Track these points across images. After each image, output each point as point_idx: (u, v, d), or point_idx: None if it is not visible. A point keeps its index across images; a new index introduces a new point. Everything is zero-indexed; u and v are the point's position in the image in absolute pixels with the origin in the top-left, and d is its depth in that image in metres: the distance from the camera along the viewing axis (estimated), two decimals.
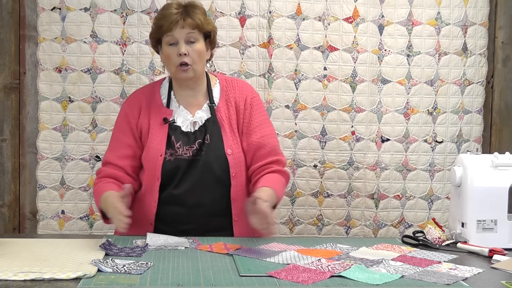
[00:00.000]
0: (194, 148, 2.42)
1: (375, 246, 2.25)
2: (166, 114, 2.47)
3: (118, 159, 2.45)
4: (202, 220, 2.40)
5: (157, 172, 2.40)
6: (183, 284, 1.74)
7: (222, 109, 2.50)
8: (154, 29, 2.47)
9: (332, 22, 3.12)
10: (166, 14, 2.42)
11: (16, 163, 3.08)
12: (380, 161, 3.19)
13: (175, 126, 2.46)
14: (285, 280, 1.79)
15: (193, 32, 2.41)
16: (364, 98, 3.16)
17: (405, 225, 3.22)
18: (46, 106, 3.03)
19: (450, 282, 1.82)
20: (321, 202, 3.17)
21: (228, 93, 2.53)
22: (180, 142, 2.42)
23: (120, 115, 2.54)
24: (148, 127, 2.47)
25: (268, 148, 2.49)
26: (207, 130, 2.44)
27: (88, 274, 1.77)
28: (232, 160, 2.43)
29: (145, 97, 2.52)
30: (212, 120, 2.46)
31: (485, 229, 2.30)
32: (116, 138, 2.51)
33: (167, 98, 2.51)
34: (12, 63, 3.06)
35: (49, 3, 3.00)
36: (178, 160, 2.40)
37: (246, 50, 3.10)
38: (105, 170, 2.45)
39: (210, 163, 2.41)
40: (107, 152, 2.50)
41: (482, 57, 3.23)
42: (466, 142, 3.25)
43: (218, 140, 2.44)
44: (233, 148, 2.45)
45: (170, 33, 2.40)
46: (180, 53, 2.39)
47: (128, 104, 2.54)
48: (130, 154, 2.47)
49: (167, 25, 2.40)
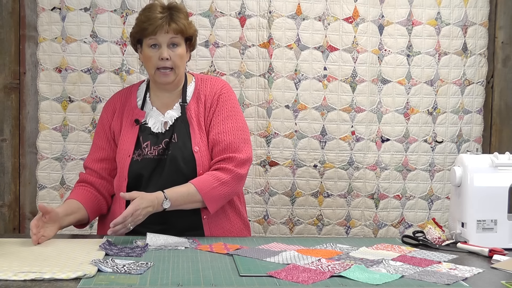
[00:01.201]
0: (160, 147, 2.42)
1: (375, 246, 2.25)
2: (139, 116, 2.49)
3: (93, 163, 2.52)
4: (174, 220, 2.38)
5: (124, 172, 2.42)
6: (183, 284, 1.74)
7: (192, 107, 2.49)
8: (137, 30, 2.46)
9: (332, 22, 3.12)
10: (151, 18, 2.40)
11: (16, 163, 3.08)
12: (380, 161, 3.19)
13: (145, 127, 2.47)
14: (285, 280, 1.79)
15: (176, 36, 2.42)
16: (364, 98, 3.16)
17: (405, 225, 3.22)
18: (46, 106, 3.03)
19: (450, 282, 1.82)
20: (321, 202, 3.16)
21: (200, 91, 2.53)
22: (148, 142, 2.44)
23: (99, 118, 2.60)
24: (120, 129, 2.50)
25: (222, 145, 2.43)
26: (175, 129, 2.45)
27: (88, 274, 1.77)
28: (199, 158, 2.42)
29: (121, 99, 2.56)
30: (181, 118, 2.47)
31: (485, 229, 2.30)
32: (94, 141, 2.58)
33: (143, 100, 2.52)
34: (12, 63, 3.06)
35: (49, 3, 3.01)
36: (144, 160, 2.42)
37: (246, 50, 3.10)
38: (82, 175, 2.53)
39: (177, 162, 2.40)
40: (87, 156, 2.58)
41: (482, 57, 3.23)
42: (466, 142, 3.25)
43: (186, 139, 2.44)
44: (200, 145, 2.44)
45: (153, 37, 2.41)
46: (162, 58, 2.40)
47: (105, 107, 2.60)
48: (104, 157, 2.52)
49: (151, 29, 2.39)
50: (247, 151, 2.47)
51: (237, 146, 2.44)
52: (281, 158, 3.12)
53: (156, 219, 2.34)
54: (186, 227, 2.41)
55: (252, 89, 3.10)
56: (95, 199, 2.48)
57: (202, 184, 2.36)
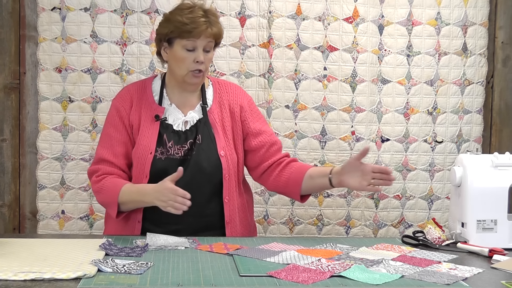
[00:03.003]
0: (186, 148, 2.42)
1: (375, 246, 2.25)
2: (158, 111, 2.47)
3: (113, 157, 2.46)
4: (191, 220, 2.39)
5: (145, 169, 2.41)
6: (183, 284, 1.74)
7: (215, 111, 2.50)
8: (173, 29, 2.40)
9: (332, 22, 3.12)
10: (195, 20, 2.38)
11: (16, 163, 3.08)
12: (380, 161, 3.19)
13: (166, 124, 2.46)
14: (285, 280, 1.79)
15: (211, 41, 2.43)
16: (364, 98, 3.16)
17: (405, 225, 3.22)
18: (46, 106, 3.03)
19: (450, 282, 1.82)
20: (321, 202, 3.17)
21: (222, 96, 2.54)
22: (172, 141, 2.43)
23: (111, 110, 2.52)
24: (138, 123, 2.47)
25: (278, 145, 2.59)
26: (199, 130, 2.45)
27: (88, 274, 1.77)
28: (225, 162, 2.44)
29: (136, 92, 2.52)
30: (203, 120, 2.47)
31: (485, 229, 2.30)
32: (108, 134, 2.49)
33: (159, 96, 2.50)
34: (12, 63, 3.06)
35: (49, 3, 3.00)
36: (169, 160, 2.41)
37: (246, 50, 3.10)
38: (104, 168, 2.45)
39: (201, 164, 2.41)
40: (101, 149, 2.48)
41: (482, 57, 3.23)
42: (466, 142, 3.24)
43: (210, 141, 2.45)
44: (226, 150, 2.46)
45: (194, 39, 2.39)
46: (198, 61, 2.40)
47: (120, 99, 2.53)
48: (124, 152, 2.47)
49: (196, 32, 2.37)
50: None
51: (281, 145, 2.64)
52: None
53: (173, 219, 2.34)
54: (207, 227, 2.42)
55: (252, 89, 3.10)
56: None
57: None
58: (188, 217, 2.36)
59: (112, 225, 2.51)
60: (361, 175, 2.34)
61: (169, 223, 2.36)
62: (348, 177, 2.37)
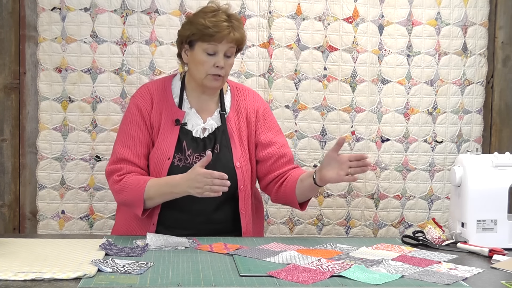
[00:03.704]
0: (204, 157, 2.37)
1: (375, 246, 2.25)
2: (178, 115, 2.42)
3: (136, 158, 2.40)
4: (204, 227, 2.37)
5: (162, 175, 2.37)
6: (183, 284, 1.74)
7: (233, 119, 2.48)
8: (195, 32, 2.37)
9: (332, 22, 3.12)
10: (218, 24, 2.34)
11: (16, 163, 3.08)
12: (380, 161, 3.19)
13: (186, 130, 2.42)
14: (285, 280, 1.79)
15: (233, 47, 2.40)
16: (364, 98, 3.16)
17: (405, 225, 3.22)
18: (46, 106, 3.03)
19: (450, 282, 1.82)
20: (321, 202, 3.17)
21: (239, 103, 2.51)
22: (191, 149, 2.39)
23: (131, 108, 2.45)
24: (159, 125, 2.42)
25: (288, 157, 2.53)
26: (217, 139, 2.42)
27: (88, 274, 1.77)
28: (241, 173, 2.42)
29: (157, 92, 2.46)
30: (222, 129, 2.44)
31: (485, 229, 2.30)
32: (129, 133, 2.42)
33: (179, 98, 2.46)
34: (12, 63, 3.06)
35: (49, 3, 3.00)
36: (186, 168, 2.33)
37: (246, 50, 3.10)
38: (126, 167, 2.38)
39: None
40: (122, 148, 2.41)
41: (482, 57, 3.23)
42: (466, 142, 3.25)
43: (227, 151, 2.42)
44: (242, 161, 2.43)
45: (215, 43, 2.36)
46: (218, 66, 2.37)
47: (141, 98, 2.46)
48: (146, 153, 2.42)
49: (218, 36, 2.34)
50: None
51: (293, 157, 2.59)
52: None
53: (187, 225, 2.34)
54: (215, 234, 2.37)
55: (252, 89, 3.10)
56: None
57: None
58: (199, 224, 2.37)
59: (122, 226, 2.47)
60: (338, 166, 2.29)
61: (181, 228, 2.34)
62: (326, 170, 2.31)
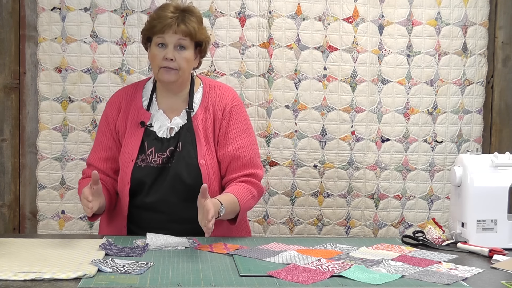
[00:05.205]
0: (165, 156, 2.38)
1: (375, 246, 2.25)
2: (144, 117, 2.44)
3: (98, 161, 2.48)
4: (176, 227, 2.34)
5: (127, 176, 2.39)
6: (183, 284, 1.74)
7: (200, 116, 2.45)
8: (147, 27, 2.44)
9: (332, 22, 3.12)
10: (161, 16, 2.38)
11: (16, 163, 3.08)
12: (380, 161, 3.19)
13: (150, 131, 2.42)
14: (285, 280, 1.79)
15: (184, 39, 2.37)
16: (364, 98, 3.16)
17: (405, 225, 3.22)
18: (46, 106, 3.03)
19: (450, 282, 1.82)
20: (321, 202, 3.17)
21: (209, 100, 2.48)
22: (152, 148, 2.40)
23: (102, 115, 2.54)
24: (125, 129, 2.46)
25: (243, 160, 2.43)
26: (180, 138, 2.41)
27: (88, 274, 1.77)
28: (205, 171, 2.38)
29: (126, 97, 2.50)
30: (187, 126, 2.42)
31: (485, 229, 2.30)
32: (97, 139, 2.53)
33: (149, 100, 2.48)
34: (12, 63, 3.06)
35: (49, 3, 3.00)
36: (148, 168, 2.37)
37: (246, 50, 3.10)
38: (87, 171, 2.48)
39: (180, 172, 2.36)
40: (90, 153, 2.53)
41: (482, 57, 3.23)
42: (466, 142, 3.25)
43: (191, 149, 2.39)
44: (207, 158, 2.40)
45: (161, 35, 2.37)
46: (166, 57, 2.36)
47: (109, 105, 2.53)
48: (109, 156, 2.48)
49: (159, 27, 2.36)
50: (262, 166, 2.53)
51: (255, 162, 2.47)
52: (281, 158, 3.12)
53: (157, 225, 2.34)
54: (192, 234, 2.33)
55: (252, 89, 3.10)
56: (107, 193, 2.42)
57: (241, 195, 2.33)
58: (172, 223, 2.36)
59: (104, 228, 2.55)
60: (202, 212, 2.13)
61: (153, 228, 2.30)
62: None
